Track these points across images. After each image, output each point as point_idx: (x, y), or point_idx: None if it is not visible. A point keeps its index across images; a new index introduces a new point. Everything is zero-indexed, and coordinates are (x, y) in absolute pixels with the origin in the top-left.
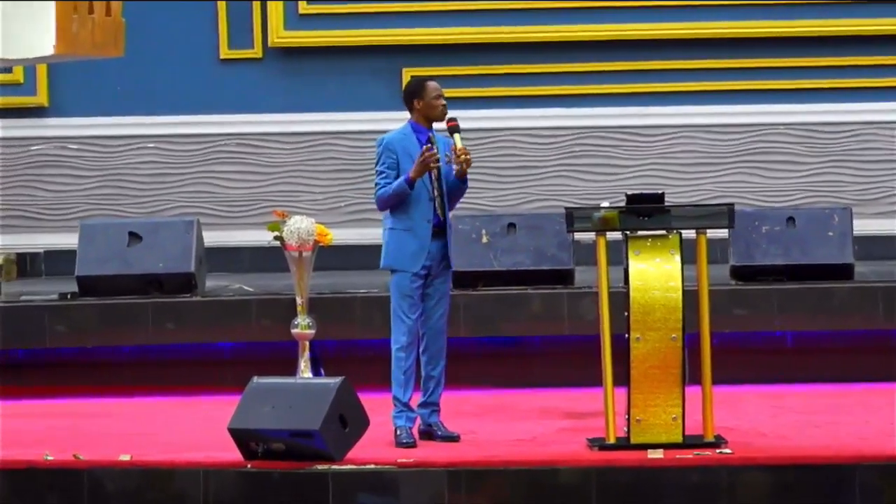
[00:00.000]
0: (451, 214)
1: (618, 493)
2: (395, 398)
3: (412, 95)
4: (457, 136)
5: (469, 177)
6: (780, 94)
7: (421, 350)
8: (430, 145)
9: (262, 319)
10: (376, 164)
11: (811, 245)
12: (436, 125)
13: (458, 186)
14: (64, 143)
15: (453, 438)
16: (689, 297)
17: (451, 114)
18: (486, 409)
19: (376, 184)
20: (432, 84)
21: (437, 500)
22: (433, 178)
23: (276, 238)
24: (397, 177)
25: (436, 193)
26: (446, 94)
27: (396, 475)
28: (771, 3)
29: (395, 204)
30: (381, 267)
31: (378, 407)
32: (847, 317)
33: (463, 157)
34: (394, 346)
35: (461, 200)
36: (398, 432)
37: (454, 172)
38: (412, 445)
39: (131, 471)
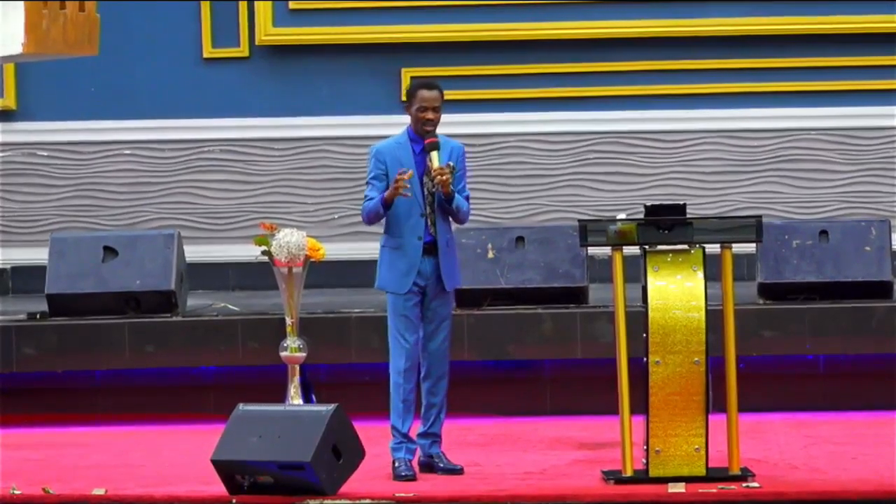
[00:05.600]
0: (454, 229)
1: None
2: (394, 428)
3: (406, 102)
4: (434, 154)
5: (474, 186)
6: (813, 96)
7: (422, 376)
8: (403, 169)
9: (249, 341)
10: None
11: (846, 261)
12: (440, 129)
13: (445, 206)
14: (33, 149)
15: (456, 471)
16: (713, 318)
17: (448, 121)
18: (491, 439)
19: (364, 196)
20: (423, 94)
21: None
22: (426, 192)
23: (263, 253)
24: (386, 188)
25: (428, 210)
26: (449, 97)
27: None
28: None
29: (376, 221)
30: (375, 287)
31: (375, 437)
32: (885, 339)
33: (438, 177)
34: (392, 372)
35: (470, 216)
36: (396, 464)
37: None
38: (411, 479)
39: None
